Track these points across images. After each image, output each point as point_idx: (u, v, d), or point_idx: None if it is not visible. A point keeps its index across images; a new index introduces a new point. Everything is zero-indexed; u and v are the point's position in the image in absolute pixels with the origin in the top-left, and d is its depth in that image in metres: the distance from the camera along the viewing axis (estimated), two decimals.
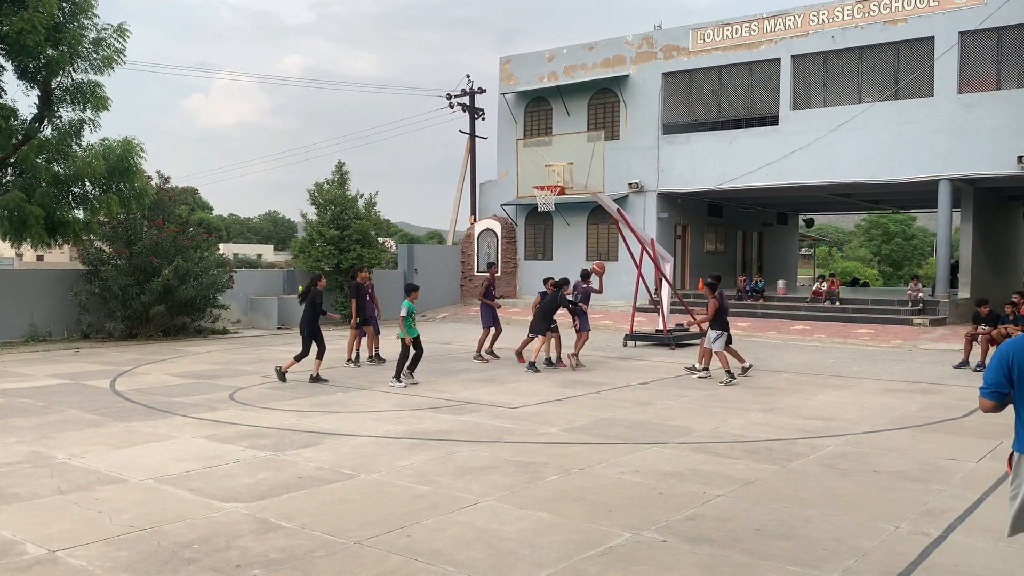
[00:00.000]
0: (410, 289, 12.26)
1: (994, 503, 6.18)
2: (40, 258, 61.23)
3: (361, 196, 24.93)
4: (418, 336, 12.20)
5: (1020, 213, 30.56)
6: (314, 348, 12.48)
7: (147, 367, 14.32)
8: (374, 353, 15.04)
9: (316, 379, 12.36)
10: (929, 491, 6.60)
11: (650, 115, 26.05)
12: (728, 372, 12.50)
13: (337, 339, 19.74)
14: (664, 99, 25.92)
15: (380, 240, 25.82)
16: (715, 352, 12.81)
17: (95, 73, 17.80)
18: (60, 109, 18.00)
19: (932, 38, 21.74)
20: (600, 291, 15.50)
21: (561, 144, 19.87)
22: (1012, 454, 4.10)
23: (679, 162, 25.59)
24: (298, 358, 12.40)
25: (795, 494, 6.52)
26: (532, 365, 13.87)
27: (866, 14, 22.62)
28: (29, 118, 17.97)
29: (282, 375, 12.31)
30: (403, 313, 12.01)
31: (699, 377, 13.03)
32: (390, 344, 15.56)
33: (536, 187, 18.55)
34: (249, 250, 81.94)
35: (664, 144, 25.88)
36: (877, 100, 22.86)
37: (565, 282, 14.46)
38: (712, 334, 12.84)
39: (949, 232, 23.03)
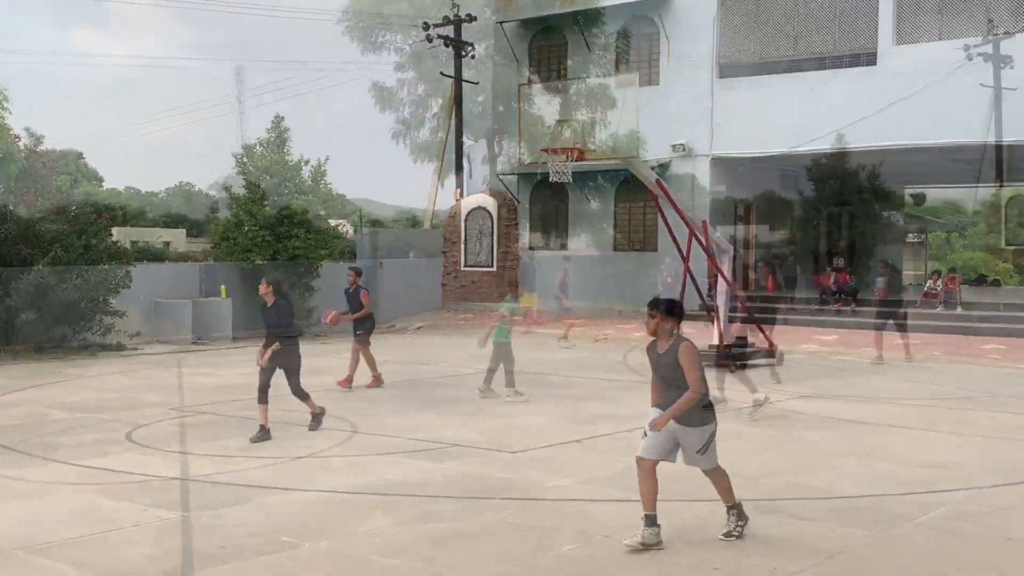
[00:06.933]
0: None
1: None
2: None
3: (306, 163, 25.08)
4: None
5: None
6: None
7: (14, 395, 14.30)
8: None
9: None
10: None
11: (701, 52, 26.03)
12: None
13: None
14: (721, 30, 25.93)
15: (332, 223, 25.88)
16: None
17: None
18: None
19: None
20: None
21: (580, 92, 19.89)
22: None
23: (741, 116, 25.54)
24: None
25: (898, 571, 6.54)
26: None
27: None
28: None
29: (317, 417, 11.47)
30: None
31: None
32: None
33: (545, 150, 18.57)
34: (153, 236, 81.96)
35: (721, 91, 25.87)
36: (1017, 30, 22.78)
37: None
38: None
39: None
